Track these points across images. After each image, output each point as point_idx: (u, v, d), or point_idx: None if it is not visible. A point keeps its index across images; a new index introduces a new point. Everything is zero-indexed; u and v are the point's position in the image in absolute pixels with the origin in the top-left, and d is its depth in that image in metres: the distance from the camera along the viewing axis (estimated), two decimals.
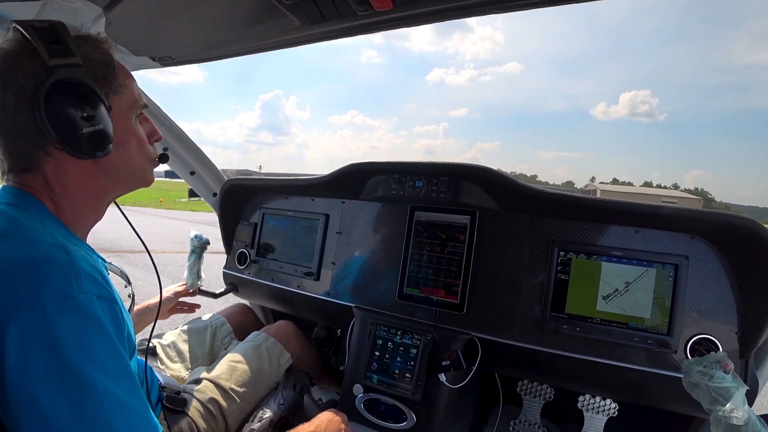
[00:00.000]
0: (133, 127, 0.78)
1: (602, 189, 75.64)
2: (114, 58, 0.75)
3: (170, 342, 1.47)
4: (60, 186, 0.72)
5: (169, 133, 1.64)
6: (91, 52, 0.71)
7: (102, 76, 0.72)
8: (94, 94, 0.69)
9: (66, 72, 0.66)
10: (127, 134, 0.77)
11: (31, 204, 0.69)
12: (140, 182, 0.84)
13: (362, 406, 1.31)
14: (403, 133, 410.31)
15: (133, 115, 0.78)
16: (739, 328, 1.04)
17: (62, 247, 0.62)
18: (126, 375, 0.62)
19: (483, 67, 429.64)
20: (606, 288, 1.16)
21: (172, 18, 1.02)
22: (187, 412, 1.12)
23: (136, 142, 0.79)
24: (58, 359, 0.54)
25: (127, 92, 0.77)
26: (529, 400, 1.51)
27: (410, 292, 1.39)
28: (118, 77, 0.75)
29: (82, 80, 0.67)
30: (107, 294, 0.63)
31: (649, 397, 1.16)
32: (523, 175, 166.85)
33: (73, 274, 0.60)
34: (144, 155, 0.82)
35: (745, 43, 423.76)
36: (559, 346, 1.18)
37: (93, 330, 0.59)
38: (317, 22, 0.96)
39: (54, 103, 0.65)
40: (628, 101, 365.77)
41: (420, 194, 1.38)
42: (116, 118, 0.73)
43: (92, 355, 0.57)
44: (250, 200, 1.87)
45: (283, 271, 1.69)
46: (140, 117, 0.82)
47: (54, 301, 0.56)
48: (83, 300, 0.59)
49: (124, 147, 0.76)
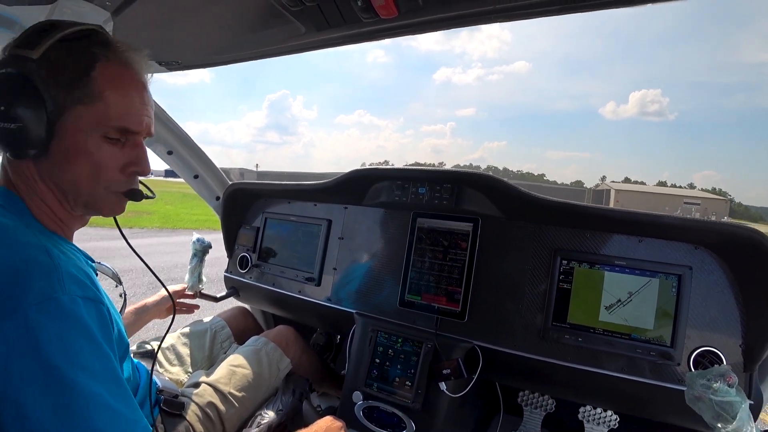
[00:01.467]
0: (87, 146, 0.67)
1: (616, 188, 67.25)
2: (102, 65, 0.67)
3: (169, 345, 1.46)
4: (24, 184, 0.69)
5: (173, 137, 1.65)
6: (65, 54, 0.65)
7: (66, 79, 0.65)
8: (34, 92, 0.63)
9: (12, 63, 0.64)
10: (77, 151, 0.67)
11: (12, 203, 0.68)
12: (93, 208, 0.74)
13: (361, 413, 1.30)
14: (410, 132, 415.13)
15: (96, 132, 0.67)
16: (744, 340, 1.02)
17: (44, 249, 0.61)
18: (113, 377, 0.61)
19: (490, 66, 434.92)
20: (609, 298, 1.15)
21: (179, 23, 1.04)
22: (185, 416, 1.11)
23: (90, 164, 0.68)
24: (42, 363, 0.54)
25: (99, 105, 0.67)
26: (530, 411, 1.50)
27: (412, 299, 1.38)
28: (93, 86, 0.66)
29: (25, 75, 0.63)
30: (93, 295, 0.63)
31: (651, 409, 1.15)
32: (530, 174, 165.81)
33: (56, 275, 0.59)
34: (99, 182, 0.70)
35: (756, 41, 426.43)
36: (561, 357, 1.17)
37: (77, 332, 0.58)
38: (323, 29, 0.97)
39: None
40: (637, 100, 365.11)
41: (423, 201, 1.38)
42: (68, 130, 0.66)
43: (77, 358, 0.57)
44: (253, 205, 1.88)
45: (284, 276, 1.69)
46: (126, 140, 0.71)
47: (36, 304, 0.55)
48: (66, 301, 0.58)
49: (69, 164, 0.67)
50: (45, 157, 0.67)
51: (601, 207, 1.15)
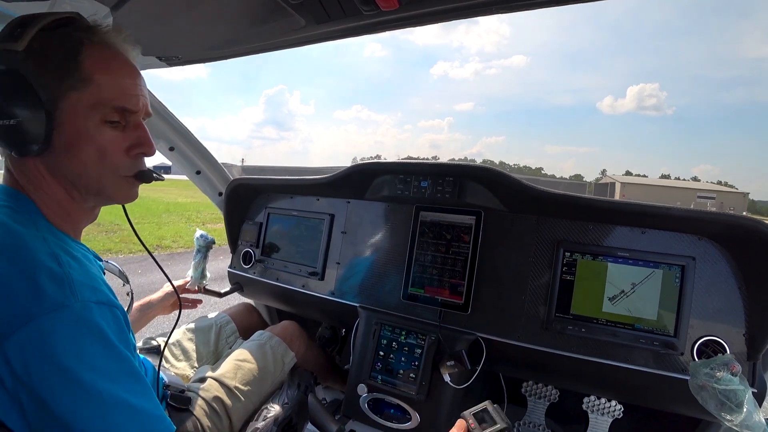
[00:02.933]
0: (89, 131, 0.67)
1: (622, 181, 60.84)
2: (86, 49, 0.66)
3: (175, 341, 1.47)
4: (31, 183, 0.69)
5: (174, 132, 1.64)
6: (50, 42, 0.64)
7: (53, 67, 0.64)
8: (25, 85, 0.62)
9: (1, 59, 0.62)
10: (79, 138, 0.66)
11: (22, 204, 0.67)
12: (105, 196, 0.73)
13: (366, 405, 1.31)
14: (408, 127, 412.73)
15: (94, 116, 0.67)
16: (747, 330, 1.03)
17: (55, 257, 0.61)
18: (133, 376, 0.62)
19: (488, 60, 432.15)
20: (612, 289, 1.15)
21: (179, 18, 1.03)
22: (192, 411, 1.12)
23: (95, 149, 0.67)
24: (60, 371, 0.55)
25: (92, 89, 0.66)
26: (533, 401, 1.51)
27: (415, 293, 1.39)
28: (82, 71, 0.65)
29: (13, 69, 0.62)
30: (106, 299, 0.63)
31: (655, 399, 1.15)
32: (527, 167, 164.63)
33: (67, 283, 0.59)
34: (106, 167, 0.69)
35: (755, 35, 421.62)
36: (565, 347, 1.17)
37: (91, 338, 0.58)
38: (323, 22, 0.96)
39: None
40: (635, 94, 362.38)
41: (425, 194, 1.37)
42: (67, 118, 0.65)
43: (93, 362, 0.57)
44: (255, 200, 1.88)
45: (287, 271, 1.70)
46: (125, 122, 0.71)
47: (49, 312, 0.56)
48: (79, 308, 0.58)
49: (73, 152, 0.67)
50: (49, 151, 0.66)
51: (604, 199, 1.15)
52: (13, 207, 0.66)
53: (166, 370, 1.29)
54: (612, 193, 53.64)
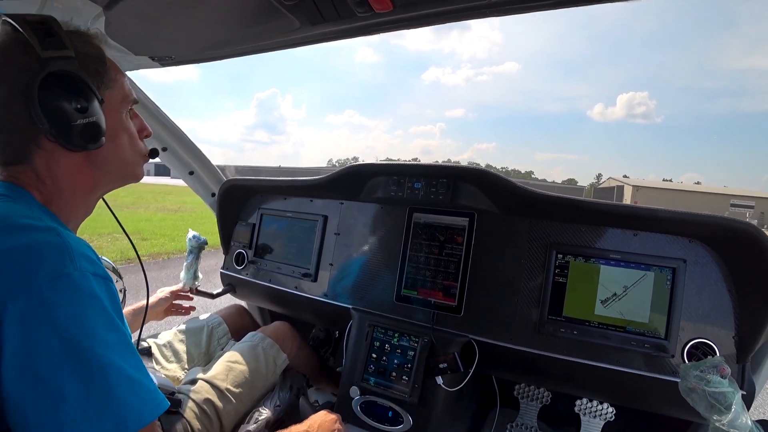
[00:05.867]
0: (124, 122, 0.79)
1: (633, 184, 47.00)
2: (105, 53, 0.76)
3: (166, 342, 1.46)
4: (50, 178, 0.72)
5: (167, 133, 1.64)
6: (83, 47, 0.72)
7: (94, 69, 0.72)
8: (87, 86, 0.69)
9: (60, 64, 0.67)
10: (119, 128, 0.78)
11: (19, 194, 0.69)
12: (131, 177, 0.84)
13: (359, 408, 1.31)
14: (400, 133, 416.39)
15: (124, 109, 0.79)
16: (737, 332, 1.03)
17: (53, 230, 0.63)
18: (129, 349, 0.62)
19: (480, 66, 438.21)
20: (604, 292, 1.16)
21: (172, 18, 1.02)
22: (182, 413, 1.11)
23: (128, 136, 0.80)
24: (59, 338, 0.55)
25: (118, 87, 0.78)
26: (526, 404, 1.51)
27: (408, 294, 1.38)
28: (110, 72, 0.76)
29: (75, 73, 0.68)
30: (102, 272, 0.64)
31: (647, 401, 1.16)
32: (516, 171, 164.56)
33: (67, 253, 0.60)
34: (135, 150, 0.82)
35: (739, 47, 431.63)
36: (557, 350, 1.17)
37: (91, 306, 0.59)
38: (317, 23, 0.96)
39: (47, 95, 0.65)
40: (625, 102, 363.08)
41: (419, 196, 1.38)
42: (108, 112, 0.74)
43: (93, 330, 0.58)
44: (248, 201, 1.87)
45: (280, 272, 1.69)
46: (130, 112, 0.82)
47: (49, 281, 0.56)
48: (78, 277, 0.59)
49: (116, 141, 0.77)
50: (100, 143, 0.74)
51: (597, 201, 1.16)
52: (9, 195, 0.68)
53: (157, 372, 1.28)
54: (620, 198, 44.36)
